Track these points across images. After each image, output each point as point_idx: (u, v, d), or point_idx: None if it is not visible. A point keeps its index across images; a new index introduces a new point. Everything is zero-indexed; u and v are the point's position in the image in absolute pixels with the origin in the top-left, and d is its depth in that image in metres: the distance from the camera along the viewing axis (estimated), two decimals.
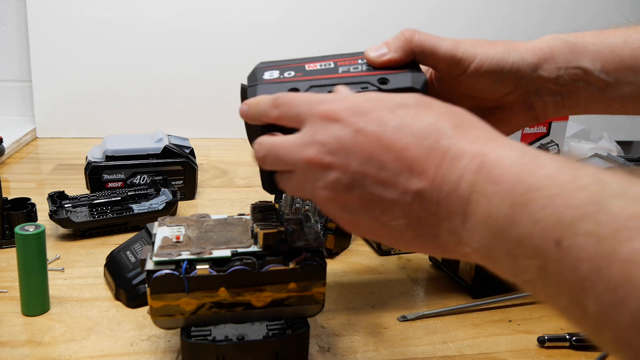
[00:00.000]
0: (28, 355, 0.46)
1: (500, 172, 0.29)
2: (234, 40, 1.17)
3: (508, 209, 0.27)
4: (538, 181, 0.27)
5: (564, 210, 0.25)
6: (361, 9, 1.19)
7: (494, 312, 0.55)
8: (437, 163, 0.31)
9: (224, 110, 1.20)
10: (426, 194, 0.32)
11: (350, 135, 0.34)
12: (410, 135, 0.32)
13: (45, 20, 1.10)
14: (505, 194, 0.28)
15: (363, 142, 0.33)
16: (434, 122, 0.33)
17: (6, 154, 0.99)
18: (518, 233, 0.27)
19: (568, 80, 0.47)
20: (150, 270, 0.40)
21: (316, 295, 0.44)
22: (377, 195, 0.33)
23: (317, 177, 0.35)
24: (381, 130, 0.33)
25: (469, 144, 0.31)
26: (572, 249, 0.24)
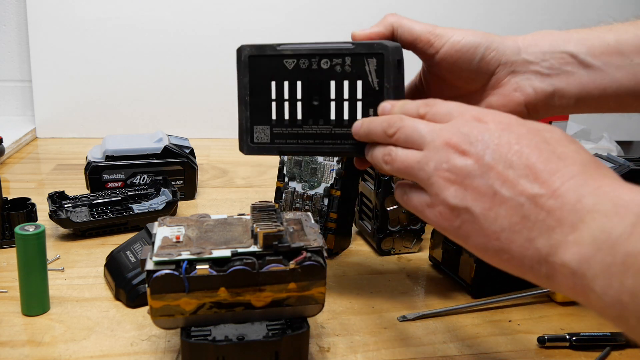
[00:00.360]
0: (28, 355, 0.46)
1: (629, 198, 0.30)
2: (234, 41, 1.17)
3: (628, 226, 0.28)
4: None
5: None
6: (362, 12, 1.19)
7: (494, 312, 0.55)
8: (563, 180, 0.32)
9: (224, 110, 1.20)
10: (542, 201, 0.32)
11: (494, 135, 0.36)
12: (550, 151, 0.34)
13: (45, 20, 1.10)
14: (630, 213, 0.28)
15: (503, 144, 0.35)
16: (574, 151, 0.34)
17: (6, 154, 0.99)
18: (632, 248, 0.27)
19: (555, 64, 0.47)
20: (150, 270, 0.40)
21: (316, 295, 0.44)
22: (493, 190, 0.34)
23: (446, 158, 0.37)
24: (523, 140, 0.35)
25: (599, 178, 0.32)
26: None
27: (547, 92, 0.48)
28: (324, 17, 1.18)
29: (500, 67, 0.48)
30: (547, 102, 0.48)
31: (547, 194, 0.32)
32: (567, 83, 0.47)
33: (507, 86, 0.48)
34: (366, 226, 0.69)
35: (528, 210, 0.33)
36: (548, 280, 0.33)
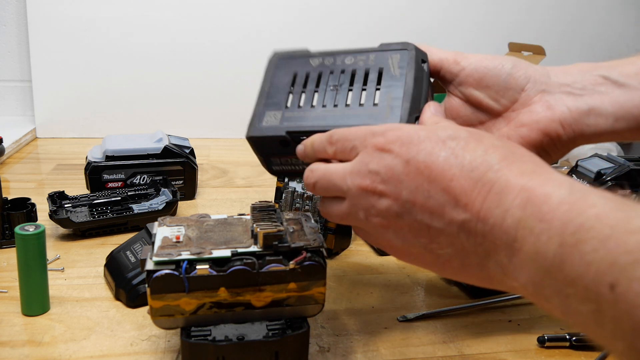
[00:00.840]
0: (28, 355, 0.46)
1: (548, 210, 0.28)
2: (234, 41, 1.17)
3: (557, 248, 0.27)
4: (588, 221, 0.26)
5: (617, 253, 0.25)
6: (366, 14, 1.19)
7: (494, 312, 0.55)
8: (483, 196, 0.32)
9: (224, 110, 1.20)
10: (471, 226, 0.32)
11: (401, 165, 0.35)
12: (458, 166, 0.33)
13: (45, 20, 1.10)
14: (554, 232, 0.28)
15: (412, 172, 0.34)
16: (482, 154, 0.33)
17: (6, 154, 0.99)
18: (569, 273, 0.27)
19: (588, 85, 0.45)
20: (150, 270, 0.40)
21: (316, 295, 0.44)
22: (425, 224, 0.34)
23: (370, 204, 0.36)
24: (430, 161, 0.34)
25: (516, 178, 0.31)
26: (628, 295, 0.24)
27: (582, 110, 0.44)
28: (326, 19, 1.18)
29: (530, 85, 0.45)
30: (583, 122, 0.44)
31: (473, 218, 0.32)
32: (602, 101, 0.44)
33: (539, 104, 0.45)
34: None
35: (464, 238, 0.33)
36: (514, 292, 0.33)
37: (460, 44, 1.26)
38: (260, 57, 1.22)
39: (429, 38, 1.23)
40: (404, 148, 0.35)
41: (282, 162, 0.48)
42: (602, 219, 0.26)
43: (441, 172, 0.33)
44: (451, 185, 0.33)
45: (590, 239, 0.26)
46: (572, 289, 0.27)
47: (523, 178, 0.31)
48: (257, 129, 0.47)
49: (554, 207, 0.28)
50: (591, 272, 0.25)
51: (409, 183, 0.34)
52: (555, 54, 1.32)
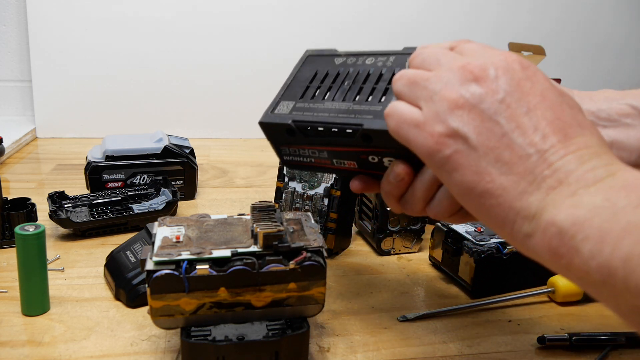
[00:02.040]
0: (28, 355, 0.46)
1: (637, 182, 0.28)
2: (234, 41, 1.17)
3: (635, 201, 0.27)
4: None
5: None
6: (356, 4, 1.19)
7: (494, 312, 0.55)
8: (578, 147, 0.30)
9: (224, 110, 1.20)
10: (551, 158, 0.30)
11: (519, 74, 0.33)
12: (569, 115, 0.32)
13: (45, 20, 1.10)
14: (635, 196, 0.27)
15: (527, 87, 0.32)
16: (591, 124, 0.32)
17: (6, 154, 0.99)
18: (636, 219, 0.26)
19: (614, 115, 0.43)
20: (150, 270, 0.40)
21: (316, 295, 0.44)
22: (504, 130, 0.31)
23: (460, 81, 0.33)
24: (548, 86, 0.33)
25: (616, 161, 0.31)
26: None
27: None
28: (324, 16, 1.18)
29: None
30: None
31: (560, 154, 0.30)
32: (628, 136, 0.42)
33: None
34: (366, 226, 0.69)
35: (534, 163, 0.30)
36: (525, 239, 0.30)
37: None
38: (260, 58, 1.22)
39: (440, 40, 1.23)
40: (530, 70, 0.33)
41: (291, 152, 0.49)
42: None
43: (553, 107, 0.32)
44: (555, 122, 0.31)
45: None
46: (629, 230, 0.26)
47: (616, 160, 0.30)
48: (267, 116, 0.48)
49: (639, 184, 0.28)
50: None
51: (517, 91, 0.32)
52: (563, 57, 1.32)
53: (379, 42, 0.46)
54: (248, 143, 1.18)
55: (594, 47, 1.36)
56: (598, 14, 1.33)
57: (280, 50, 1.18)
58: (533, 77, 0.33)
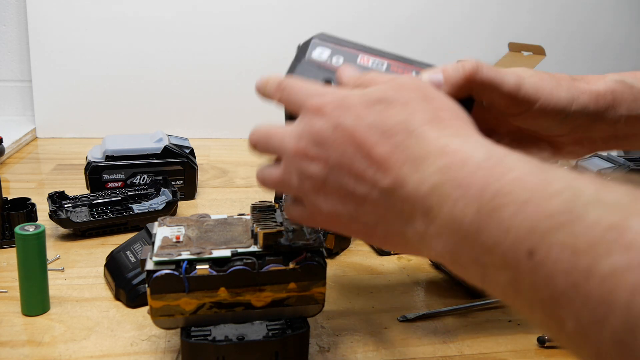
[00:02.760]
0: (28, 355, 0.46)
1: (465, 175, 0.28)
2: (234, 41, 1.17)
3: (475, 215, 0.27)
4: (507, 185, 0.26)
5: (536, 218, 0.24)
6: (356, 4, 1.19)
7: (494, 312, 0.55)
8: (401, 161, 0.32)
9: (224, 110, 1.20)
10: (391, 191, 0.32)
11: (330, 129, 0.35)
12: (380, 132, 0.33)
13: (45, 20, 1.10)
14: (471, 198, 0.27)
15: (340, 137, 0.34)
16: (407, 118, 0.33)
17: (6, 154, 0.99)
18: (486, 240, 0.26)
19: (625, 127, 0.44)
20: (150, 270, 0.40)
21: (316, 295, 0.44)
22: (351, 189, 0.34)
23: (302, 168, 0.36)
24: (356, 126, 0.34)
25: (436, 141, 0.31)
26: (547, 262, 0.23)
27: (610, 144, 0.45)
28: (324, 16, 1.18)
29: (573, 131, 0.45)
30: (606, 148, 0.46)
31: (392, 183, 0.32)
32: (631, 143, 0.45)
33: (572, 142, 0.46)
34: None
35: (387, 203, 0.32)
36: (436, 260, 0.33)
37: (469, 47, 1.26)
38: (260, 57, 1.22)
39: (438, 43, 1.23)
40: (336, 112, 0.35)
41: None
42: (520, 183, 0.26)
43: (365, 138, 0.33)
44: (373, 152, 0.33)
45: (508, 204, 0.25)
46: (489, 257, 0.26)
47: (442, 140, 0.31)
48: None
49: (471, 171, 0.28)
50: (509, 239, 0.25)
51: (337, 148, 0.34)
52: (563, 57, 1.32)
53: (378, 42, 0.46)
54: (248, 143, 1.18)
55: (594, 47, 1.36)
56: (598, 14, 1.33)
57: (280, 50, 1.17)
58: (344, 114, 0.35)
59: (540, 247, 0.23)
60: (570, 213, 0.23)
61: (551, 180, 0.25)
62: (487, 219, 0.26)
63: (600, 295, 0.21)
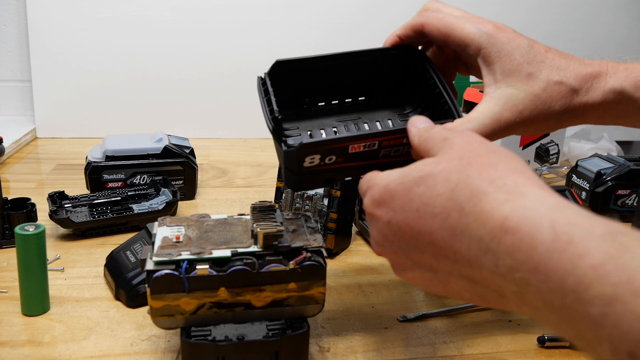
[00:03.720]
0: (28, 355, 0.46)
1: (539, 259, 0.26)
2: (234, 40, 1.17)
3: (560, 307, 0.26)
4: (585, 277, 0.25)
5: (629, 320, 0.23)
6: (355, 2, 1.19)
7: (494, 312, 0.55)
8: (466, 245, 0.30)
9: (224, 110, 1.20)
10: (470, 275, 0.31)
11: (386, 228, 0.35)
12: (431, 217, 0.32)
13: (45, 20, 1.10)
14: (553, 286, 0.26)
15: (397, 232, 0.35)
16: (450, 196, 0.32)
17: (6, 154, 0.99)
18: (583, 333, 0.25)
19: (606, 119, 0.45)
20: (150, 270, 0.40)
21: (316, 295, 0.44)
22: (432, 276, 0.34)
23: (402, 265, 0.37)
24: (406, 218, 0.34)
25: (492, 217, 0.29)
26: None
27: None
28: (323, 15, 1.18)
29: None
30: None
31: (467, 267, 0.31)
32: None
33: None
34: (366, 226, 0.69)
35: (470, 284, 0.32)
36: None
37: None
38: (260, 57, 1.21)
39: None
40: (380, 210, 0.36)
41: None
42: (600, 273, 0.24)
43: (420, 227, 0.33)
44: (433, 238, 0.32)
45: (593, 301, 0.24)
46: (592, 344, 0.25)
47: (499, 213, 0.29)
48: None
49: (543, 254, 0.26)
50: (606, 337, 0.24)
51: (399, 243, 0.35)
52: None
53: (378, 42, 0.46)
54: (248, 143, 1.18)
55: (594, 47, 1.36)
56: (597, 14, 1.33)
57: (280, 49, 1.18)
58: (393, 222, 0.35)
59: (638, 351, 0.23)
60: None
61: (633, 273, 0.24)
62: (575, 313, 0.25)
63: None
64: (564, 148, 1.06)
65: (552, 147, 0.94)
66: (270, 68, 0.47)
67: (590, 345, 0.25)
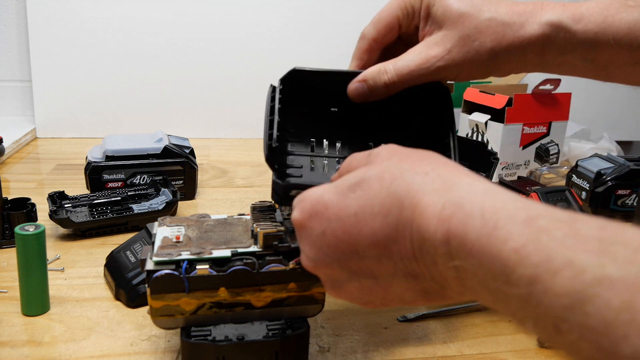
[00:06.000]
0: (28, 355, 0.46)
1: (472, 246, 0.27)
2: (234, 41, 1.17)
3: (494, 290, 0.27)
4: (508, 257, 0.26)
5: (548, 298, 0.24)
6: (356, 4, 1.19)
7: (494, 312, 0.55)
8: (409, 238, 0.31)
9: (224, 110, 1.20)
10: (415, 270, 0.31)
11: (320, 240, 0.34)
12: (372, 218, 0.32)
13: (45, 20, 1.10)
14: (486, 269, 0.27)
15: (332, 242, 0.33)
16: (386, 193, 0.32)
17: (6, 154, 0.99)
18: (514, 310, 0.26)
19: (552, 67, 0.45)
20: (150, 270, 0.40)
21: (316, 295, 0.44)
22: (372, 283, 0.34)
23: (324, 280, 0.37)
24: (343, 225, 0.33)
25: (428, 209, 0.30)
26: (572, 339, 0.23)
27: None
28: (323, 17, 1.18)
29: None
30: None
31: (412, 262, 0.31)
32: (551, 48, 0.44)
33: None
34: None
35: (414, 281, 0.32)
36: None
37: None
38: (260, 57, 1.22)
39: None
40: (314, 221, 0.34)
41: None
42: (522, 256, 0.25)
43: (359, 230, 0.32)
44: (376, 239, 0.32)
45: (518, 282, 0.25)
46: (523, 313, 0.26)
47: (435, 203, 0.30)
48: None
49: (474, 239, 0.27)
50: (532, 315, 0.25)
51: (335, 254, 0.34)
52: None
53: None
54: (248, 143, 1.18)
55: None
56: None
57: (280, 49, 1.18)
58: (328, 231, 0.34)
59: (561, 325, 0.24)
60: (578, 293, 0.23)
61: (550, 254, 0.24)
62: (506, 295, 0.26)
63: None
64: (564, 148, 1.06)
65: (552, 147, 0.94)
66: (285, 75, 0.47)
67: (522, 323, 0.26)
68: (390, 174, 0.32)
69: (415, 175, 0.31)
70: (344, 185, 0.34)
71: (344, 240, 0.33)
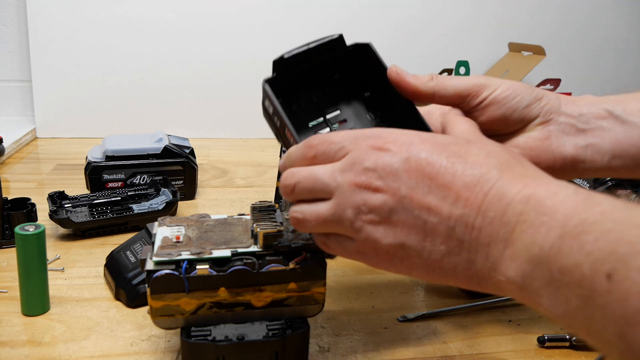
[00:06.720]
0: (28, 355, 0.46)
1: (552, 205, 0.29)
2: (234, 40, 1.17)
3: (556, 239, 0.28)
4: (593, 216, 0.27)
5: (618, 244, 0.25)
6: (356, 3, 1.19)
7: (494, 312, 0.55)
8: (485, 191, 0.32)
9: (224, 110, 1.20)
10: (470, 220, 0.32)
11: (401, 161, 0.34)
12: (460, 165, 0.33)
13: (45, 20, 1.10)
14: (555, 224, 0.28)
15: (413, 169, 0.34)
16: (485, 157, 0.34)
17: (6, 154, 0.99)
18: (565, 263, 0.27)
19: (591, 119, 0.45)
20: (150, 270, 0.40)
21: (316, 295, 0.44)
22: (422, 220, 0.34)
23: (362, 201, 0.35)
24: (432, 159, 0.34)
25: (519, 179, 0.32)
26: (624, 283, 0.24)
27: (579, 146, 0.45)
28: (322, 14, 1.18)
29: (540, 117, 0.45)
30: (579, 156, 0.45)
31: (473, 212, 0.32)
32: (602, 138, 0.45)
33: (539, 132, 0.45)
34: None
35: (460, 232, 0.33)
36: (499, 292, 0.33)
37: (469, 47, 1.26)
38: (260, 57, 1.21)
39: (438, 43, 1.23)
40: (404, 147, 0.35)
41: None
42: (606, 215, 0.27)
43: (443, 169, 0.33)
44: (453, 181, 0.33)
45: (592, 231, 0.27)
46: (566, 278, 0.27)
47: (525, 179, 0.32)
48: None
49: (557, 202, 0.29)
50: (589, 261, 0.26)
51: (408, 179, 0.34)
52: (563, 58, 1.32)
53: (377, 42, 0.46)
54: (248, 143, 1.18)
55: (594, 47, 1.36)
56: (598, 14, 1.33)
57: (280, 50, 1.17)
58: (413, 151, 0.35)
59: (619, 269, 0.25)
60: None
61: (635, 215, 0.26)
62: (570, 242, 0.27)
63: None
64: None
65: None
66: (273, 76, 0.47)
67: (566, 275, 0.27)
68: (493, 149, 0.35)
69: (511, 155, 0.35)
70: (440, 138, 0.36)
71: (424, 171, 0.34)
